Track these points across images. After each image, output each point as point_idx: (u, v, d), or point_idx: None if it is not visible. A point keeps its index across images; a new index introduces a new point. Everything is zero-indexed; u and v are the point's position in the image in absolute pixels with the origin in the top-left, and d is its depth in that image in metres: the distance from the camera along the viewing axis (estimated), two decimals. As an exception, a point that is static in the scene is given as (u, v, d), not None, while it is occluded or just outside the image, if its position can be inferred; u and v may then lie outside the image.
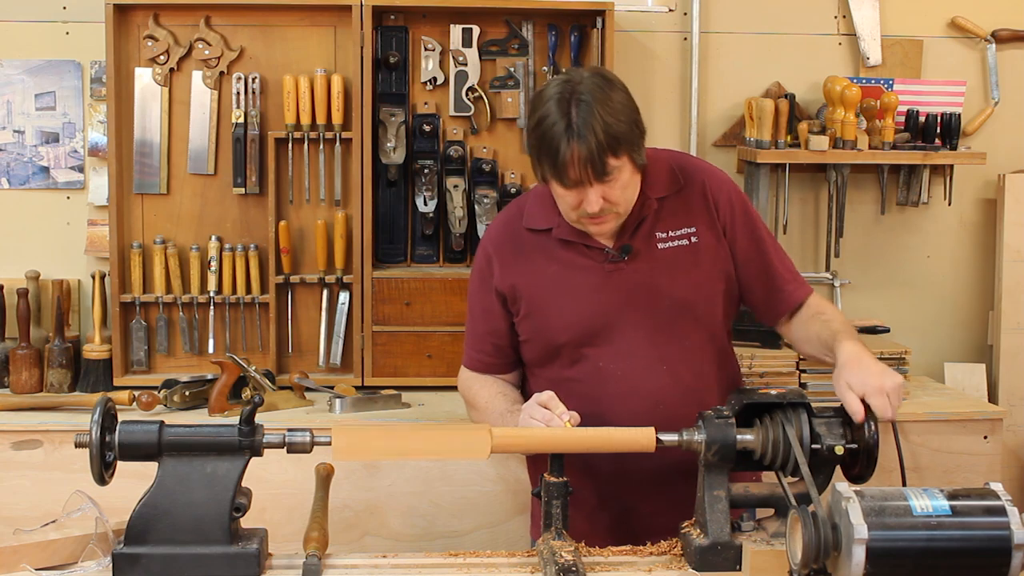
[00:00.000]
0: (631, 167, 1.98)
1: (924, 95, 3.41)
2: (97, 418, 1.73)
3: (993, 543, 1.54)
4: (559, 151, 1.91)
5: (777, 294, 2.16)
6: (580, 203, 1.98)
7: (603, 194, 1.96)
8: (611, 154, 1.92)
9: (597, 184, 1.94)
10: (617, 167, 1.94)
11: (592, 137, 1.89)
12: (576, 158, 1.91)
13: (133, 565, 1.72)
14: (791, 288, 2.17)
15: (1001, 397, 3.44)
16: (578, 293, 2.08)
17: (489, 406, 2.15)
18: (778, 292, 2.16)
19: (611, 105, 1.93)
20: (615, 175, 1.95)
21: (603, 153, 1.90)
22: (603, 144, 1.90)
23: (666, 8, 3.39)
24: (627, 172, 1.97)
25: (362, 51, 3.12)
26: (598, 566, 1.80)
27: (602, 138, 1.90)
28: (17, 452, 2.82)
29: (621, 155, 1.94)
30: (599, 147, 1.90)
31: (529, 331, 2.14)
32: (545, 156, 1.95)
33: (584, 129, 1.90)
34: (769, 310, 2.19)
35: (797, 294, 2.17)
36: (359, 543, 2.80)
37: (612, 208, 1.99)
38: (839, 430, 1.83)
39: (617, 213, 2.01)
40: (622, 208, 2.01)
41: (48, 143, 3.30)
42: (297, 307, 3.23)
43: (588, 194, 1.96)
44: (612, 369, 2.07)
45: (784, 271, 2.18)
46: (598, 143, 1.90)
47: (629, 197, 2.02)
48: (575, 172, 1.92)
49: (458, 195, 3.19)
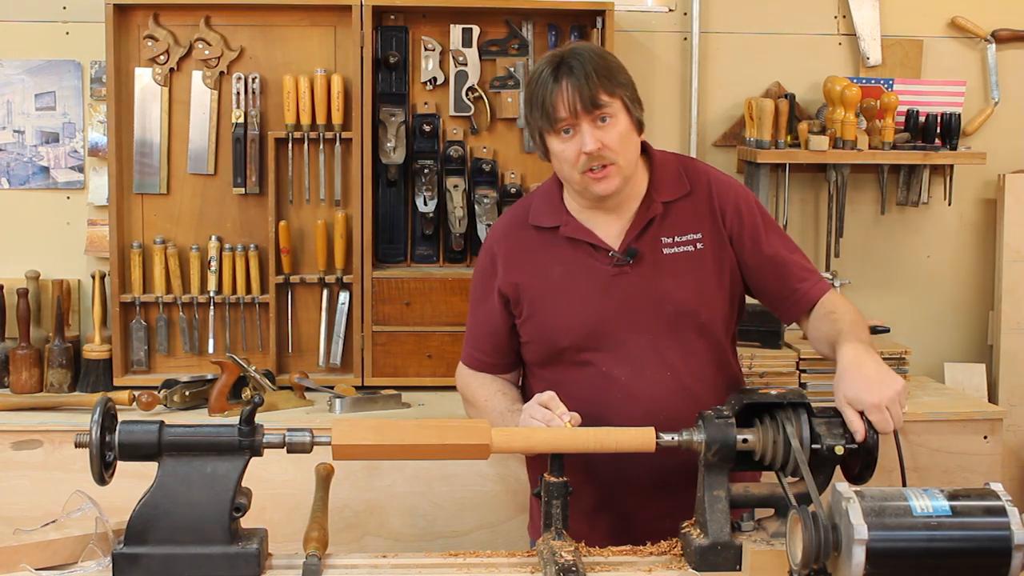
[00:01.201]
0: (627, 117, 2.00)
1: (924, 95, 3.41)
2: (97, 418, 1.73)
3: (993, 543, 1.54)
4: (548, 89, 1.97)
5: (792, 295, 2.14)
6: (578, 154, 1.98)
7: (599, 138, 1.96)
8: (602, 89, 1.95)
9: (588, 121, 1.96)
10: (609, 104, 1.96)
11: (581, 71, 1.95)
12: (565, 90, 1.95)
13: (133, 565, 1.72)
14: (806, 287, 2.13)
15: (1001, 397, 3.44)
16: (582, 296, 2.07)
17: (488, 404, 2.14)
18: (793, 293, 2.13)
19: (605, 57, 2.02)
20: (609, 113, 1.97)
21: (593, 86, 1.94)
22: (593, 77, 1.95)
23: (666, 8, 3.39)
24: (623, 119, 1.99)
25: (362, 51, 3.12)
26: (598, 566, 1.80)
27: (591, 72, 1.95)
28: (17, 452, 2.82)
29: (614, 94, 1.97)
30: (587, 79, 1.95)
31: (531, 333, 2.13)
32: (536, 104, 1.99)
33: (575, 66, 1.96)
34: (787, 310, 2.17)
35: (812, 293, 2.13)
36: (359, 543, 2.80)
37: (611, 156, 1.98)
38: (839, 430, 1.83)
39: (618, 165, 2.00)
40: (622, 160, 2.00)
41: (48, 143, 3.30)
42: (297, 307, 3.23)
43: (583, 134, 1.96)
44: (615, 374, 2.06)
45: (799, 270, 2.14)
46: (586, 75, 1.95)
47: (628, 151, 2.01)
48: (564, 106, 1.95)
49: (458, 195, 3.19)
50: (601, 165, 1.99)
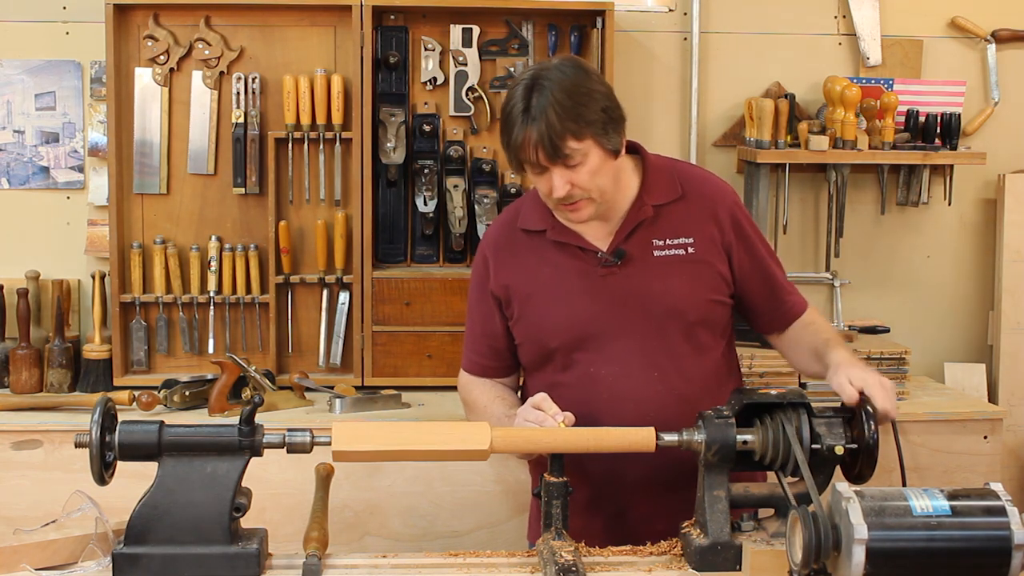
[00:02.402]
0: (600, 152, 1.97)
1: (924, 95, 3.41)
2: (97, 418, 1.73)
3: (993, 543, 1.54)
4: (512, 134, 1.95)
5: (780, 306, 2.18)
6: (550, 191, 1.98)
7: (569, 179, 1.96)
8: (570, 135, 1.92)
9: (556, 167, 1.95)
10: (578, 150, 1.94)
11: (543, 120, 1.90)
12: (527, 140, 1.92)
13: (133, 565, 1.72)
14: (793, 299, 2.19)
15: (1001, 397, 3.44)
16: (570, 297, 2.07)
17: (487, 410, 2.14)
18: (781, 304, 2.18)
19: (575, 90, 1.93)
20: (577, 159, 1.94)
21: (556, 136, 1.91)
22: (555, 126, 1.90)
23: (666, 8, 3.39)
24: (595, 157, 1.96)
25: (362, 51, 3.12)
26: (598, 566, 1.80)
27: (554, 120, 1.90)
28: (17, 452, 2.83)
29: (583, 138, 1.93)
30: (550, 129, 1.90)
31: (522, 334, 2.13)
32: (506, 139, 1.98)
33: (537, 112, 1.91)
34: (771, 321, 2.20)
35: (799, 306, 2.19)
36: (359, 543, 2.80)
37: (583, 193, 1.98)
38: (839, 430, 1.83)
39: (591, 199, 1.99)
40: (595, 194, 1.99)
41: (48, 143, 3.30)
42: (297, 307, 3.23)
43: (553, 178, 1.96)
44: (603, 375, 2.06)
45: (786, 283, 2.20)
46: (549, 125, 1.90)
47: (602, 184, 1.99)
48: (527, 154, 1.94)
49: (458, 195, 3.19)
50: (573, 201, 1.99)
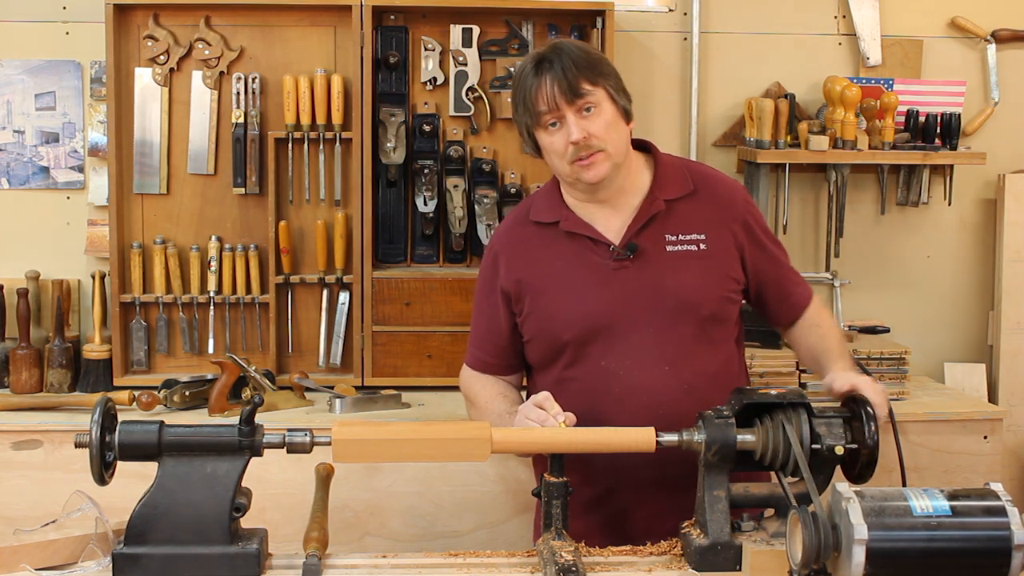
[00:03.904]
0: (612, 106, 2.02)
1: (924, 95, 3.41)
2: (97, 418, 1.73)
3: (993, 543, 1.54)
4: (529, 84, 2.00)
5: (788, 299, 2.22)
6: (566, 144, 2.00)
7: (584, 127, 1.99)
8: (584, 79, 1.98)
9: (572, 111, 1.98)
10: (592, 94, 1.99)
11: (559, 64, 1.98)
12: (545, 83, 1.98)
13: (133, 565, 1.72)
14: (800, 291, 2.23)
15: (1001, 397, 3.44)
16: (582, 289, 2.09)
17: (489, 406, 2.15)
18: (788, 297, 2.21)
19: (589, 52, 2.04)
20: (592, 103, 1.99)
21: (574, 77, 1.97)
22: (571, 70, 1.97)
23: (666, 8, 3.39)
24: (608, 109, 2.01)
25: (362, 51, 3.12)
26: (598, 566, 1.80)
27: (569, 65, 1.98)
28: (17, 452, 2.82)
29: (596, 83, 2.00)
30: (566, 71, 1.97)
31: (533, 329, 2.14)
32: (520, 101, 2.03)
33: (555, 60, 2.00)
34: (781, 315, 2.24)
35: (805, 297, 2.23)
36: (359, 543, 2.80)
37: (599, 143, 2.00)
38: (839, 430, 1.83)
39: (606, 152, 2.02)
40: (611, 148, 2.02)
41: (48, 143, 3.30)
42: (297, 307, 3.23)
43: (568, 124, 1.99)
44: (614, 368, 2.07)
45: (793, 275, 2.23)
46: (565, 68, 1.98)
47: (616, 138, 2.03)
48: (545, 100, 1.98)
49: (458, 195, 3.19)
50: (588, 153, 2.01)
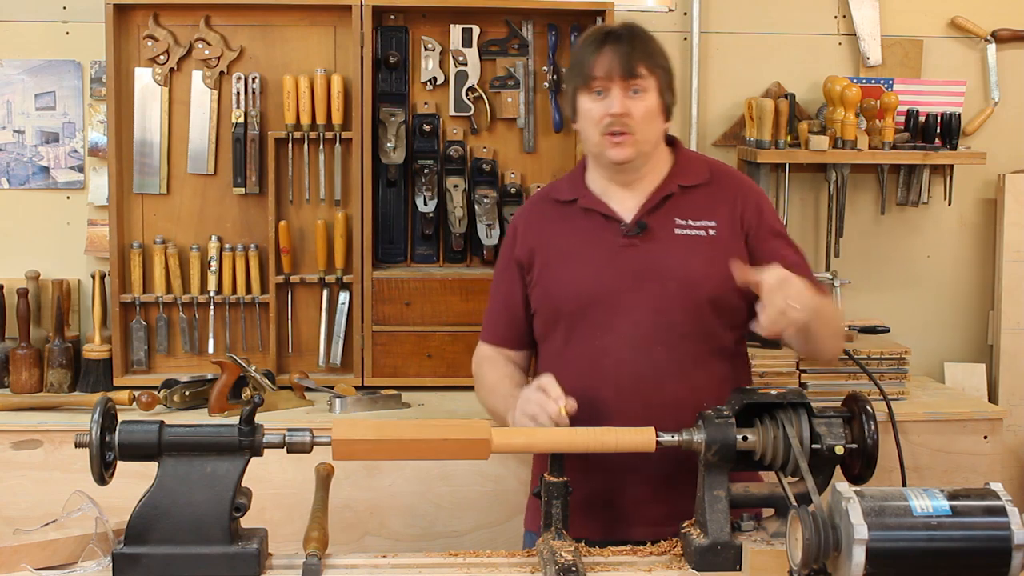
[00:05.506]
0: (658, 98, 2.10)
1: (924, 95, 3.41)
2: (97, 418, 1.73)
3: (993, 543, 1.54)
4: (591, 49, 2.09)
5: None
6: (603, 114, 2.06)
7: (627, 106, 2.06)
8: (643, 63, 2.06)
9: (621, 87, 2.06)
10: (644, 78, 2.07)
11: (627, 40, 2.08)
12: (607, 53, 2.07)
13: (133, 565, 1.72)
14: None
15: (1001, 397, 3.44)
16: (588, 264, 2.13)
17: (496, 387, 2.21)
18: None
19: (654, 39, 2.15)
20: (642, 87, 2.07)
21: (636, 57, 2.07)
22: (636, 51, 2.08)
23: (666, 8, 3.39)
24: (653, 98, 2.09)
25: (362, 51, 3.11)
26: (598, 566, 1.80)
27: (637, 45, 2.08)
28: (17, 452, 2.82)
29: (653, 72, 2.08)
30: (631, 51, 2.07)
31: (539, 298, 2.19)
32: (577, 61, 2.11)
33: (624, 36, 2.09)
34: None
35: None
36: (359, 543, 2.80)
37: (633, 125, 2.07)
38: (839, 430, 1.83)
39: (636, 136, 2.08)
40: (641, 135, 2.08)
41: (48, 143, 3.30)
42: (297, 307, 3.23)
43: (613, 96, 2.06)
44: (608, 345, 2.09)
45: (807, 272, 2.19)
46: (632, 46, 2.07)
47: (650, 128, 2.10)
48: (602, 67, 2.05)
49: (458, 195, 3.18)
50: (621, 132, 2.07)
